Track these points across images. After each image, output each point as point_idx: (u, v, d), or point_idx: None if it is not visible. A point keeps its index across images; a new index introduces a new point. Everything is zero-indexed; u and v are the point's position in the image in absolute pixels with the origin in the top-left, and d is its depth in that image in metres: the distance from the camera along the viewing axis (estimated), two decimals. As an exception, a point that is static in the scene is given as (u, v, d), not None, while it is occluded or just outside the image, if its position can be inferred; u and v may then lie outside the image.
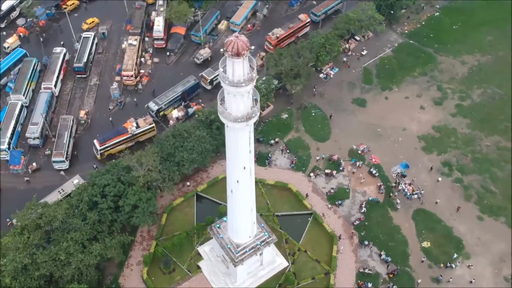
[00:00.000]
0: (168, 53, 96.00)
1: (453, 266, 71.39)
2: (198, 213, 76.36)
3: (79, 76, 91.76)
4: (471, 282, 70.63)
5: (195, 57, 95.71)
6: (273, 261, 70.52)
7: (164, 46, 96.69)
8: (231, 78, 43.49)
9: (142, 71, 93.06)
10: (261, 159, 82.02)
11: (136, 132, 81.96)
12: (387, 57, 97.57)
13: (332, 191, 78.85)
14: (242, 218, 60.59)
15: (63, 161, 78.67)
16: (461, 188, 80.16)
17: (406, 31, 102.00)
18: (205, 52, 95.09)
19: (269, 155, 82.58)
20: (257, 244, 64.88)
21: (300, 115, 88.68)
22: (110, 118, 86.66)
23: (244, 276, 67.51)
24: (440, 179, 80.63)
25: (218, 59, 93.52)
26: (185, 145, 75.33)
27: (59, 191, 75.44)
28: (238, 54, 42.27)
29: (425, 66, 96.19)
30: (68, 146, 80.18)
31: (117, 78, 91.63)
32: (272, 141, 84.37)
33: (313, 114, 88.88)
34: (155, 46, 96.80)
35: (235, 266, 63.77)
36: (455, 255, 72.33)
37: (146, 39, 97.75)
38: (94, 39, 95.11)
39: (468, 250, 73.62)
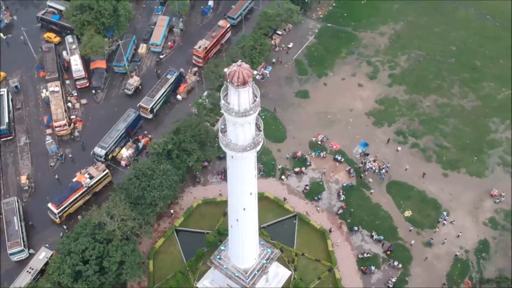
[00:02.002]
0: (94, 91, 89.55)
1: (445, 223, 75.12)
2: (184, 249, 72.58)
3: (5, 139, 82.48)
4: (458, 236, 74.65)
5: (124, 88, 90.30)
6: (277, 273, 69.10)
7: (87, 84, 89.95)
8: (237, 109, 40.98)
9: (73, 116, 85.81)
10: (229, 176, 79.78)
11: (92, 183, 75.59)
12: (312, 44, 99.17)
13: (307, 188, 78.87)
14: (248, 243, 58.36)
15: (22, 251, 69.68)
16: (419, 151, 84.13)
17: (321, 16, 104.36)
18: (134, 81, 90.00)
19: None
20: (263, 263, 63.06)
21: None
22: (56, 176, 79.06)
23: (254, 298, 65.43)
24: (399, 148, 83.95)
25: (149, 86, 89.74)
26: (152, 183, 70.93)
27: (28, 271, 67.39)
28: (244, 83, 39.92)
29: (349, 45, 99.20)
30: (22, 232, 71.03)
31: (49, 130, 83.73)
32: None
33: (263, 117, 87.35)
34: (78, 87, 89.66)
35: (250, 293, 61.49)
36: (445, 213, 76.01)
37: (67, 81, 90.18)
38: (8, 95, 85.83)
39: (446, 207, 77.60)
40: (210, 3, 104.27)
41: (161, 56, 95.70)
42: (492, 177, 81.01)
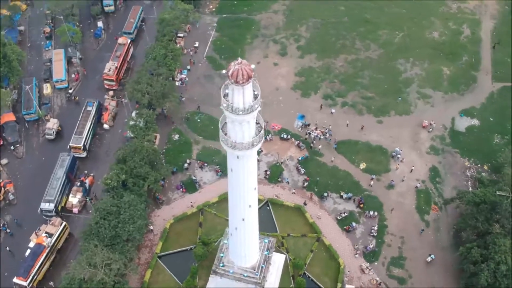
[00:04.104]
0: (12, 147, 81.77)
1: (399, 157, 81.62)
2: (175, 272, 70.23)
3: None
4: (411, 171, 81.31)
5: (44, 134, 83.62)
6: (273, 261, 69.91)
7: (1, 143, 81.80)
8: (243, 106, 40.65)
9: (-1, 181, 77.81)
10: (190, 186, 78.57)
11: (53, 241, 69.63)
12: (216, 38, 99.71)
13: (267, 173, 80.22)
14: (253, 240, 58.50)
15: None
16: (350, 108, 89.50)
17: (214, 9, 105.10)
18: (52, 124, 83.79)
19: (193, 178, 79.29)
20: (266, 254, 63.69)
21: (188, 127, 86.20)
22: (7, 248, 71.47)
23: (263, 291, 65.86)
24: (333, 110, 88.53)
25: (68, 125, 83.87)
26: (122, 218, 67.41)
27: None
28: (249, 78, 39.66)
29: (251, 29, 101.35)
30: None
31: (-22, 204, 75.06)
32: (185, 165, 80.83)
33: (198, 120, 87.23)
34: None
35: (264, 287, 61.77)
36: (397, 148, 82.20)
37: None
38: None
39: (391, 149, 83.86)
40: (99, 24, 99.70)
41: (70, 91, 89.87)
42: (418, 111, 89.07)
